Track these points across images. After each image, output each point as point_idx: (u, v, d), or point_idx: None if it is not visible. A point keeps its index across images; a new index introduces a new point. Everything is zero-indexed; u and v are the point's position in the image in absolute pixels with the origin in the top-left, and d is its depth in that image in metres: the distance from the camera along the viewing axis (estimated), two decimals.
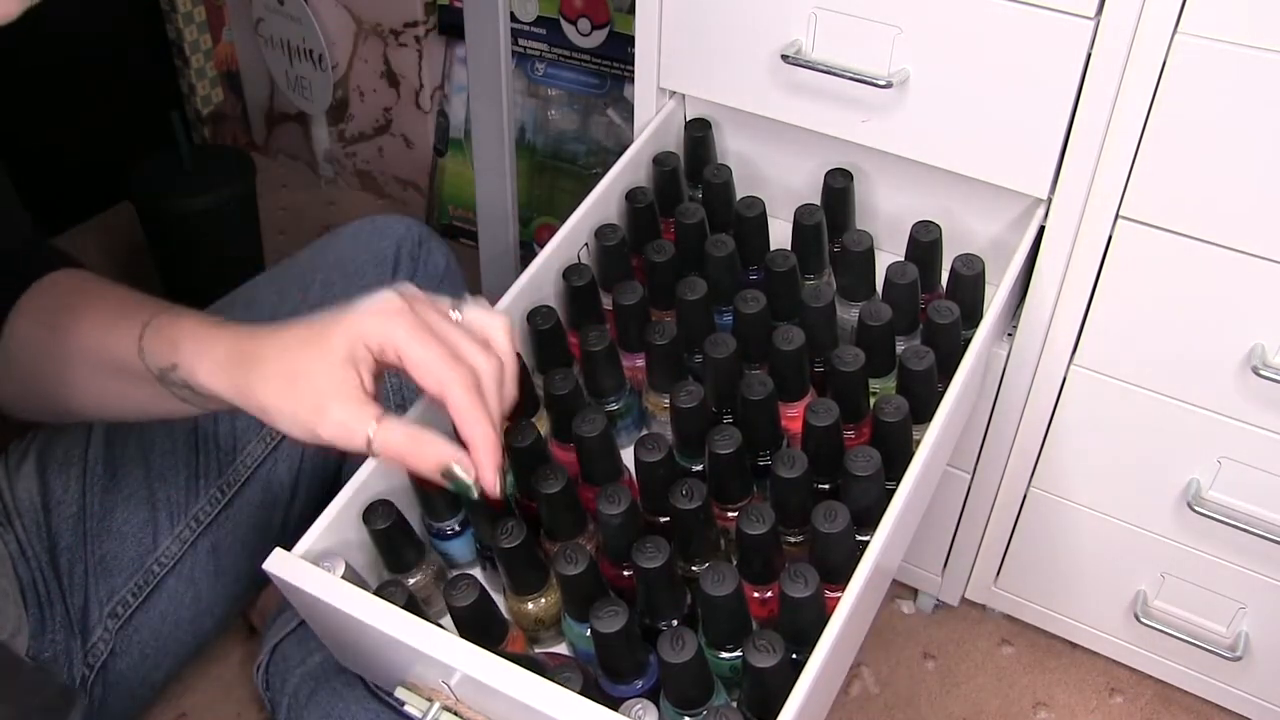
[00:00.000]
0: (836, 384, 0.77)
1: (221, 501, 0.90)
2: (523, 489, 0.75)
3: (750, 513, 0.67)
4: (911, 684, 1.12)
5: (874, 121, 0.88)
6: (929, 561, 1.12)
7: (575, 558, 0.66)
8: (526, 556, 0.70)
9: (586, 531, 0.74)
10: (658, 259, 0.86)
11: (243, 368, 0.64)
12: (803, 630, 0.65)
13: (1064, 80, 0.78)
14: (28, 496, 0.86)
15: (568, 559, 0.66)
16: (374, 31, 1.58)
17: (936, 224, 0.86)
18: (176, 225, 1.33)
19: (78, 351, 0.71)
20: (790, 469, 0.69)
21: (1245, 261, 0.79)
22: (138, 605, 0.87)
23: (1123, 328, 0.87)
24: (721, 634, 0.67)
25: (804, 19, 0.86)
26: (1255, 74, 0.72)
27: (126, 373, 0.70)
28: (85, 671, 0.84)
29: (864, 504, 0.70)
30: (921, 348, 0.77)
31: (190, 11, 1.67)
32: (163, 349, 0.68)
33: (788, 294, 0.84)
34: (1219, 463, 0.89)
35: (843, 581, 0.67)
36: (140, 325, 0.69)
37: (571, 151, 1.50)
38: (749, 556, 0.69)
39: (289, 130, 1.80)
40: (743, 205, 0.89)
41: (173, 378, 0.68)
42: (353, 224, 1.00)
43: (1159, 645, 1.04)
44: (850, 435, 0.78)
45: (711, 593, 0.63)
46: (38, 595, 0.82)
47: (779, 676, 0.61)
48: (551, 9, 1.41)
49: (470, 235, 1.65)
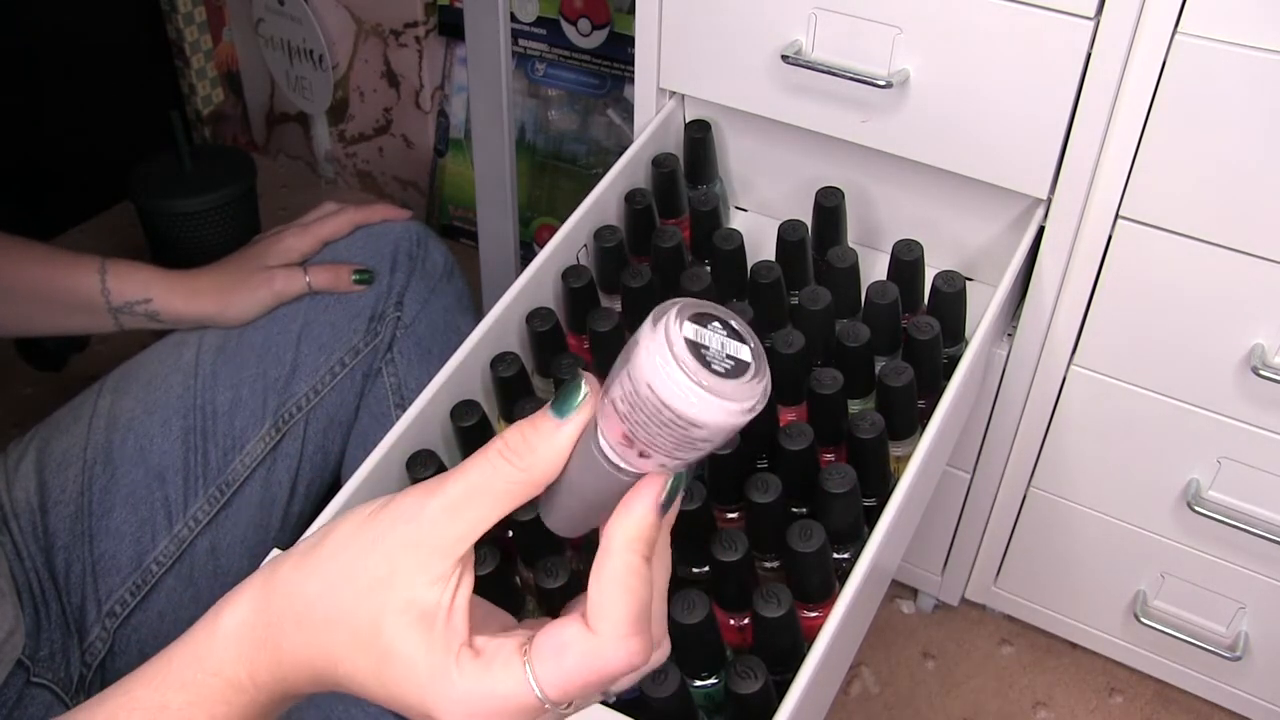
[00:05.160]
0: (814, 406, 0.76)
1: (220, 501, 0.90)
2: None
3: (723, 538, 0.66)
4: (911, 684, 1.12)
5: (874, 122, 0.88)
6: (929, 561, 1.12)
7: (555, 571, 0.66)
8: (501, 585, 0.70)
9: (564, 554, 0.74)
10: (634, 284, 0.84)
11: (223, 291, 0.92)
12: (781, 652, 0.64)
13: (1064, 80, 0.78)
14: (24, 497, 0.86)
15: (548, 573, 0.66)
16: (374, 32, 1.58)
17: (918, 242, 0.85)
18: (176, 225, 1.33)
19: (14, 283, 0.89)
20: (764, 494, 0.68)
21: (1245, 261, 0.79)
22: (136, 605, 0.87)
23: (1123, 328, 0.87)
24: (695, 663, 0.66)
25: (804, 19, 0.86)
26: (1255, 74, 0.71)
27: (75, 306, 0.90)
28: (83, 670, 0.84)
29: (840, 522, 0.70)
30: (901, 364, 0.76)
31: (190, 11, 1.67)
32: (129, 288, 0.91)
33: (774, 306, 0.83)
34: (1219, 463, 0.89)
35: (820, 601, 0.66)
36: (95, 271, 0.90)
37: (571, 152, 1.50)
38: (723, 583, 0.68)
39: (289, 130, 1.80)
40: (721, 238, 0.87)
41: (138, 309, 0.91)
42: None
43: (1159, 645, 1.04)
44: (830, 459, 0.77)
45: (682, 620, 0.62)
46: (33, 595, 0.82)
47: (763, 701, 0.61)
48: (551, 9, 1.41)
49: (470, 235, 1.65)
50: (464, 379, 0.79)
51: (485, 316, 0.82)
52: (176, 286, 0.92)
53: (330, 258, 0.97)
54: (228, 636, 0.46)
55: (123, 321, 0.93)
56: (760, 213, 1.05)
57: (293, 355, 0.93)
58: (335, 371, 0.94)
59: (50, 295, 0.91)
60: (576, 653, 0.42)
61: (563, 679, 0.42)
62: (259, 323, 0.94)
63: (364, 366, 0.96)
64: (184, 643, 0.47)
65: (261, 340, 0.93)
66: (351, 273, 0.94)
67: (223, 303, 0.92)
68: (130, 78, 1.67)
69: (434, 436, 0.78)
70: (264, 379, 0.92)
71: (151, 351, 0.95)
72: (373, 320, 0.96)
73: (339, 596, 0.44)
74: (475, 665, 0.42)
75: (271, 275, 0.93)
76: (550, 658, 0.42)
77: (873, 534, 0.67)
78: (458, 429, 0.77)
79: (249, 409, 0.91)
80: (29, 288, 0.90)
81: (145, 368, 0.93)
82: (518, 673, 0.42)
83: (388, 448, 0.74)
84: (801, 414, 0.79)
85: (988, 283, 0.95)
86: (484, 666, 0.42)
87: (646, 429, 0.39)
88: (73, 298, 0.91)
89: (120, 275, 0.91)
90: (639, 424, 0.39)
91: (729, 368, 0.38)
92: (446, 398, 0.78)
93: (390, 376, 0.97)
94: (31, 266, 0.90)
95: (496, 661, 0.42)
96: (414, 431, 0.75)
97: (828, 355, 0.81)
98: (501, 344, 0.82)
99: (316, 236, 0.96)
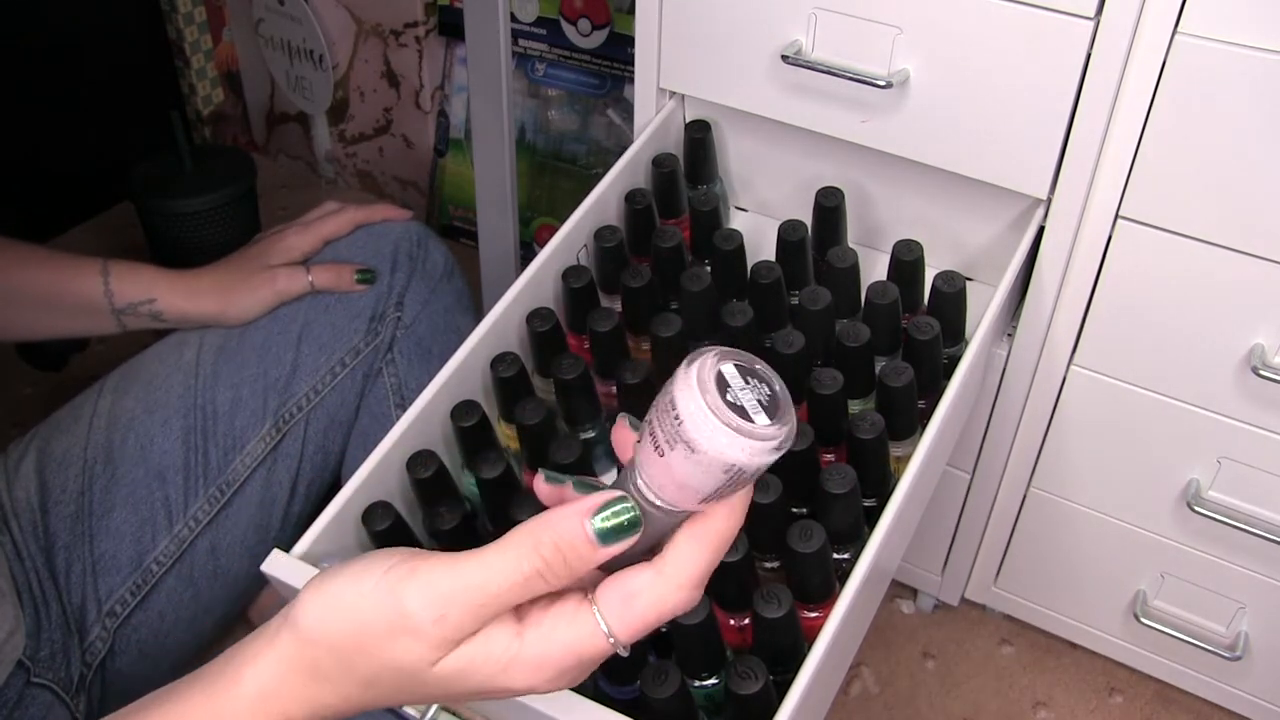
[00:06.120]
0: (814, 406, 0.76)
1: (220, 501, 0.90)
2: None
3: None
4: (911, 684, 1.12)
5: (874, 122, 0.88)
6: (929, 561, 1.12)
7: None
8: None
9: None
10: (634, 284, 0.84)
11: (226, 290, 0.92)
12: (782, 652, 0.64)
13: (1064, 80, 0.78)
14: (25, 496, 0.86)
15: None
16: (374, 32, 1.58)
17: (918, 242, 0.86)
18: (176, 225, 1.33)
19: (18, 289, 0.89)
20: (765, 494, 0.68)
21: (1245, 262, 0.79)
22: (136, 604, 0.87)
23: (1123, 328, 0.87)
24: (695, 663, 0.66)
25: (804, 19, 0.86)
26: (1255, 74, 0.71)
27: (78, 309, 0.90)
28: (83, 670, 0.84)
29: (840, 522, 0.70)
30: (901, 364, 0.76)
31: (190, 11, 1.67)
32: (132, 289, 0.91)
33: (774, 306, 0.83)
34: (1219, 463, 0.89)
35: (820, 601, 0.66)
36: (97, 273, 0.90)
37: (571, 152, 1.50)
38: (723, 583, 0.68)
39: (289, 130, 1.80)
40: (721, 238, 0.87)
41: (141, 310, 0.91)
42: None
43: (1159, 645, 1.04)
44: (830, 459, 0.77)
45: (682, 621, 0.62)
46: (33, 595, 0.82)
47: (763, 701, 0.61)
48: (551, 9, 1.41)
49: (470, 235, 1.65)
50: (464, 379, 0.79)
51: (485, 316, 0.82)
52: (179, 286, 0.92)
53: (331, 257, 0.97)
54: (251, 699, 0.46)
55: (126, 322, 0.93)
56: (760, 213, 1.05)
57: (293, 355, 0.93)
58: (336, 371, 0.94)
59: (53, 299, 0.91)
60: (647, 598, 0.45)
61: (632, 620, 0.45)
62: (259, 323, 0.94)
63: (364, 366, 0.96)
64: (203, 693, 0.47)
65: (262, 340, 0.93)
66: (354, 272, 0.94)
67: (225, 302, 0.92)
68: (130, 78, 1.67)
69: (434, 436, 0.78)
70: (264, 379, 0.92)
71: (152, 351, 0.95)
72: (373, 320, 0.96)
73: (358, 654, 0.46)
74: (538, 631, 0.45)
75: (274, 274, 0.93)
76: (619, 604, 0.45)
77: (873, 534, 0.67)
78: (458, 429, 0.77)
79: (249, 409, 0.91)
80: (32, 292, 0.90)
81: (146, 367, 0.93)
82: (589, 623, 0.45)
83: (388, 448, 0.74)
84: (802, 414, 0.79)
85: (988, 283, 0.95)
86: (550, 628, 0.45)
87: (692, 476, 0.42)
88: (76, 301, 0.91)
89: (123, 276, 0.91)
90: (688, 473, 0.42)
91: (761, 406, 0.42)
92: (447, 398, 0.78)
93: (390, 376, 0.97)
94: (34, 271, 0.90)
95: (563, 618, 0.45)
96: (414, 431, 0.75)
97: (828, 355, 0.81)
98: (501, 344, 0.82)
99: (318, 235, 0.96)
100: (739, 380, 0.42)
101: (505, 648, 0.45)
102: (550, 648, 0.45)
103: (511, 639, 0.45)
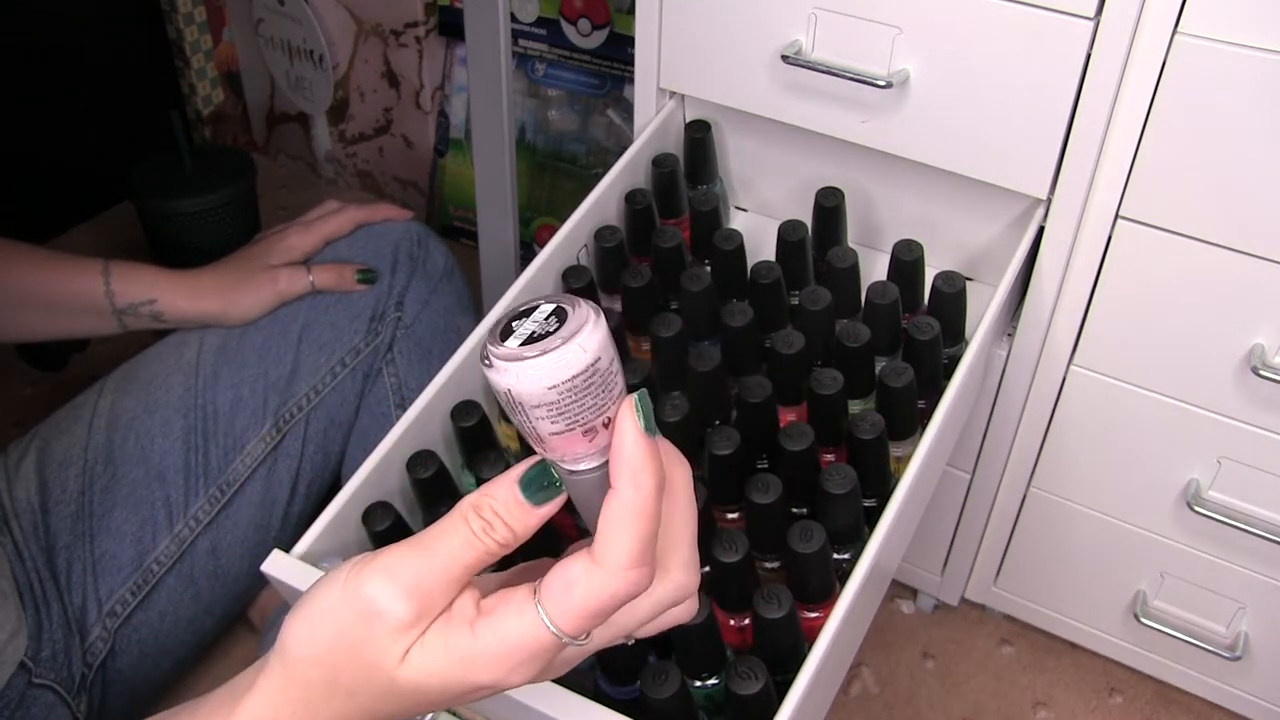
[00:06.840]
0: (814, 407, 0.76)
1: (221, 501, 0.90)
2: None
3: (724, 538, 0.66)
4: (911, 684, 1.12)
5: (874, 122, 0.88)
6: (929, 561, 1.12)
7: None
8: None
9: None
10: (634, 284, 0.84)
11: (227, 290, 0.93)
12: (782, 652, 0.64)
13: (1064, 80, 0.78)
14: (25, 497, 0.86)
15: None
16: (374, 32, 1.58)
17: (918, 242, 0.86)
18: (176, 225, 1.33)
19: (19, 291, 0.90)
20: (765, 494, 0.69)
21: (1245, 261, 0.79)
22: (136, 604, 0.87)
23: (1123, 328, 0.87)
24: (695, 663, 0.66)
25: (804, 19, 0.86)
26: (1255, 74, 0.72)
27: (80, 309, 0.91)
28: (84, 670, 0.84)
29: (840, 522, 0.70)
30: (901, 364, 0.76)
31: (190, 11, 1.67)
32: (133, 289, 0.91)
33: (774, 306, 0.83)
34: (1219, 463, 0.89)
35: (820, 602, 0.66)
36: (98, 273, 0.91)
37: (571, 152, 1.50)
38: (724, 583, 0.68)
39: (289, 130, 1.80)
40: (721, 238, 0.87)
41: (142, 310, 0.92)
42: None
43: (1158, 645, 1.04)
44: (830, 459, 0.77)
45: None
46: (34, 596, 0.82)
47: (763, 702, 0.61)
48: (551, 9, 1.41)
49: (470, 235, 1.65)
50: (464, 379, 0.79)
51: (485, 316, 0.82)
52: (180, 286, 0.92)
53: (331, 257, 0.97)
54: None
55: (126, 323, 0.93)
56: (760, 213, 1.05)
57: (293, 355, 0.93)
58: (336, 372, 0.94)
59: (54, 300, 0.91)
60: (583, 588, 0.44)
61: (572, 612, 0.44)
62: (260, 323, 0.94)
63: (364, 366, 0.96)
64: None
65: (262, 340, 0.93)
66: (355, 272, 0.94)
67: (227, 301, 0.92)
68: (130, 78, 1.67)
69: (434, 436, 0.78)
70: (265, 379, 0.92)
71: (152, 351, 0.95)
72: (373, 320, 0.96)
73: (340, 658, 0.46)
74: (488, 623, 0.45)
75: (275, 274, 0.93)
76: (559, 594, 0.44)
77: (873, 534, 0.67)
78: (458, 429, 0.77)
79: (250, 409, 0.91)
80: (33, 294, 0.90)
81: (146, 367, 0.93)
82: (531, 615, 0.45)
83: (388, 448, 0.74)
84: (802, 414, 0.79)
85: (988, 283, 0.95)
86: (499, 619, 0.45)
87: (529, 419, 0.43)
88: (77, 301, 0.91)
89: (124, 277, 0.91)
90: (521, 423, 0.43)
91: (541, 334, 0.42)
92: (446, 398, 0.78)
93: (390, 376, 0.97)
94: (34, 272, 0.90)
95: (510, 610, 0.45)
96: (414, 431, 0.75)
97: (828, 355, 0.81)
98: None
99: (319, 235, 0.96)
100: (518, 324, 0.43)
101: (461, 643, 0.45)
102: (503, 639, 0.45)
103: (466, 634, 0.45)
